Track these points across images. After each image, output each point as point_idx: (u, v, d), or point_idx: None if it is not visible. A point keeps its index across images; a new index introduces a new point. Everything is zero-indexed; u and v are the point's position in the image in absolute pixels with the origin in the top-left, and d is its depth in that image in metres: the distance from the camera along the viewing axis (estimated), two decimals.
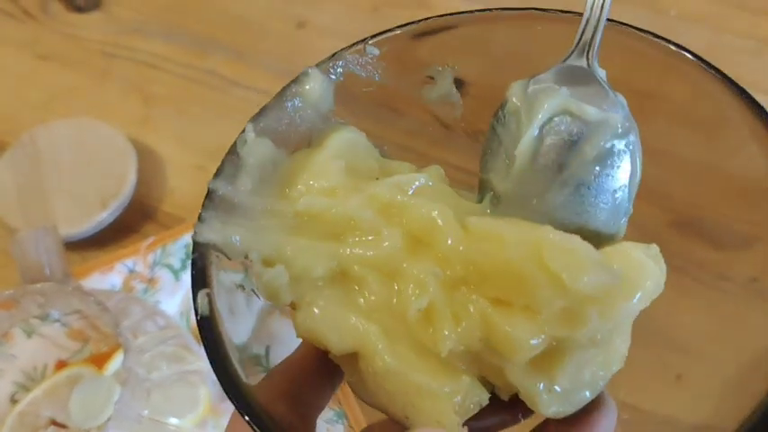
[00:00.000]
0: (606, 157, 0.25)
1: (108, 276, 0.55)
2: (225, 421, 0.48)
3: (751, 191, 0.28)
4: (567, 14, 0.27)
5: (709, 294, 0.34)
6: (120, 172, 0.59)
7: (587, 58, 0.25)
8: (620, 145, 0.25)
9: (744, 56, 0.67)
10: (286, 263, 0.25)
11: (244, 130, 0.27)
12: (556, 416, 0.24)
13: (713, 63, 0.64)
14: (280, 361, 0.34)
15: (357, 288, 0.25)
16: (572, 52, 0.26)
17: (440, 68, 0.29)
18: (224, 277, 0.26)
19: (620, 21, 0.31)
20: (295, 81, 0.27)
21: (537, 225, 0.24)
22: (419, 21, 0.28)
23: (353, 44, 0.28)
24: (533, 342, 0.22)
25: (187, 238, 0.57)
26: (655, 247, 0.24)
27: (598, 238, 0.25)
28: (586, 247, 0.23)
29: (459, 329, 0.23)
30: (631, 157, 0.25)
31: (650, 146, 0.27)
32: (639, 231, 0.29)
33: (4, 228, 0.57)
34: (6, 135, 0.63)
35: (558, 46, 0.26)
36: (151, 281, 0.55)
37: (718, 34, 0.69)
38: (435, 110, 0.30)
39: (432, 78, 0.29)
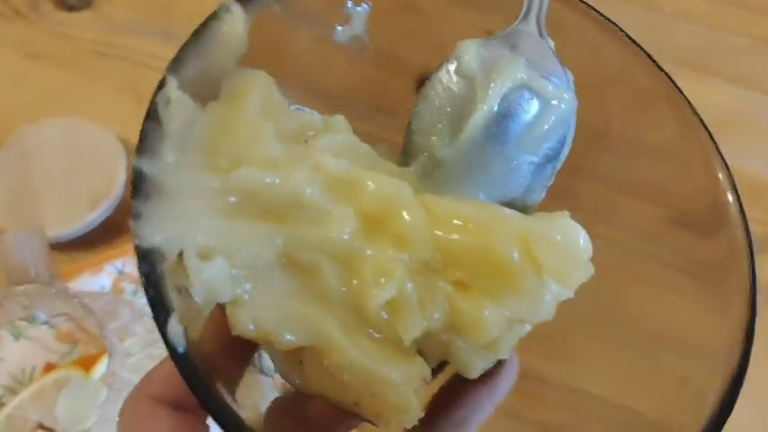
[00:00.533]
0: (551, 134, 0.25)
1: (97, 277, 0.55)
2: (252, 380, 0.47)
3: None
4: None
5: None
6: (110, 172, 0.58)
7: (538, 26, 0.25)
8: (564, 122, 0.25)
9: (741, 55, 0.67)
10: (225, 254, 0.21)
11: (163, 84, 0.22)
12: (476, 376, 0.24)
13: (710, 62, 0.63)
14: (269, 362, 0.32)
15: (308, 277, 0.22)
16: (522, 17, 0.25)
17: (357, 8, 0.26)
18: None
19: (612, 18, 0.30)
20: (215, 17, 0.23)
21: (508, 211, 0.24)
22: None
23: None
24: (497, 328, 0.23)
25: None
26: (566, 213, 0.25)
27: (523, 206, 0.26)
28: (573, 242, 0.23)
29: (426, 319, 0.23)
30: (567, 138, 0.25)
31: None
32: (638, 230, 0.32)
33: None
34: None
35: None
36: (118, 297, 0.55)
37: (714, 32, 0.68)
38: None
39: (346, 17, 0.26)
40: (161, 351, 0.29)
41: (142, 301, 0.53)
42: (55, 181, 0.58)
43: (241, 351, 0.23)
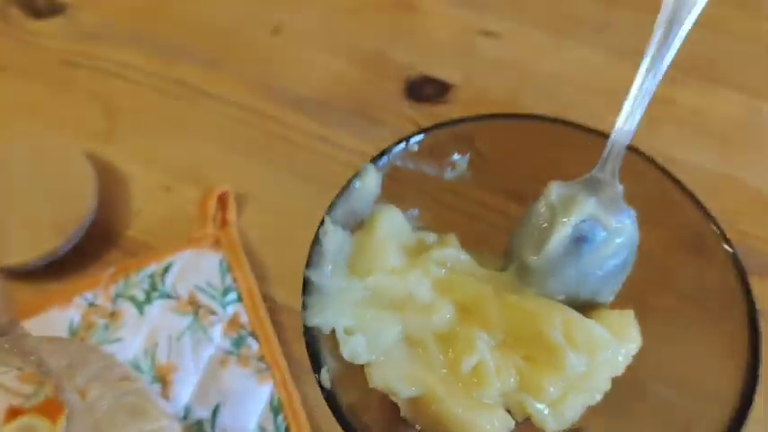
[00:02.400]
0: (616, 256, 0.33)
1: (66, 312, 0.50)
2: None
3: None
4: (588, 132, 0.36)
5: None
6: (78, 193, 0.54)
7: (611, 174, 0.33)
8: (627, 248, 0.33)
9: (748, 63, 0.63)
10: (363, 331, 0.31)
11: (323, 222, 0.32)
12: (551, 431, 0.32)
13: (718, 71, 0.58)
14: (231, 421, 0.41)
15: (419, 348, 0.32)
16: (600, 165, 0.33)
17: (459, 156, 0.36)
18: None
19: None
20: (357, 176, 0.34)
21: (558, 304, 0.33)
22: (452, 122, 0.35)
23: (398, 141, 0.35)
24: (555, 390, 0.31)
25: (153, 268, 0.52)
26: (631, 313, 0.33)
27: (595, 304, 0.34)
28: (601, 331, 0.31)
29: (501, 380, 0.31)
30: (629, 258, 0.34)
31: None
32: None
33: None
34: None
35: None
36: (113, 315, 0.50)
37: (722, 39, 0.64)
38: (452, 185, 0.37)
39: (454, 163, 0.36)
40: (134, 401, 0.34)
41: (114, 335, 0.49)
42: (18, 203, 0.53)
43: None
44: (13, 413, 0.45)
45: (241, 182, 0.57)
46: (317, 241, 0.32)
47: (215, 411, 0.47)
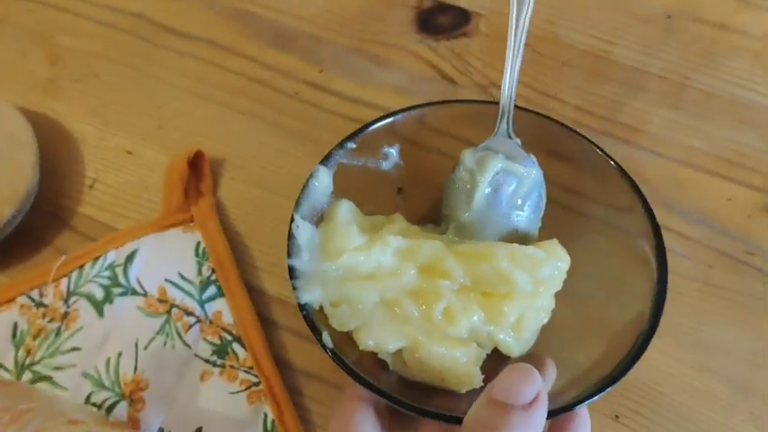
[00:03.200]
0: (529, 197, 0.40)
1: (7, 314, 0.41)
2: None
3: None
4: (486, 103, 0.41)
5: None
6: (16, 163, 0.43)
7: (508, 133, 0.39)
8: (535, 188, 0.40)
9: None
10: (346, 302, 0.36)
11: (293, 219, 0.36)
12: (519, 355, 0.37)
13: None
14: None
15: (396, 308, 0.36)
16: (499, 123, 0.39)
17: (392, 147, 0.41)
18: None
19: None
20: (312, 177, 0.38)
21: (498, 242, 0.38)
22: (379, 119, 0.39)
23: (339, 143, 0.38)
24: (512, 315, 0.36)
25: (112, 256, 0.42)
26: (555, 240, 0.38)
27: (526, 238, 0.40)
28: (536, 251, 0.37)
29: (468, 317, 0.36)
30: (540, 194, 0.40)
31: None
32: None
33: None
34: None
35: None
36: (66, 318, 0.41)
37: None
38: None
39: (383, 153, 0.41)
40: None
41: (69, 343, 0.40)
42: None
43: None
44: None
45: (216, 143, 0.46)
46: (291, 235, 0.36)
47: None
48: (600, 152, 0.38)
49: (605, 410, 0.39)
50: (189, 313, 0.41)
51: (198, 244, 0.43)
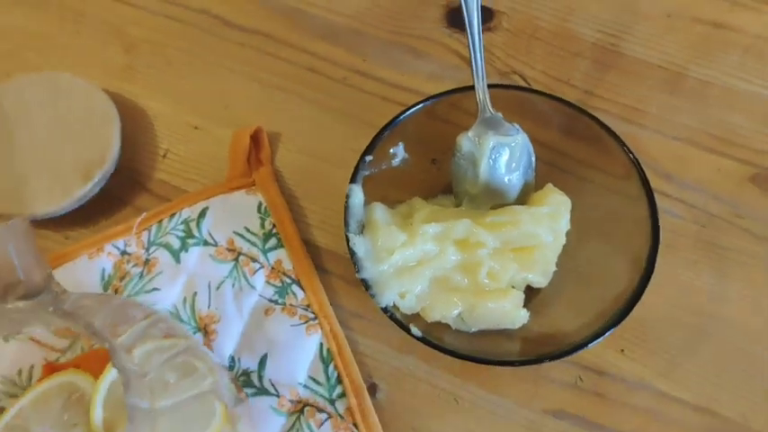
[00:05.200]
0: (521, 159, 0.46)
1: (96, 261, 0.48)
2: (241, 426, 0.42)
3: None
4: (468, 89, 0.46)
5: None
6: (102, 134, 0.50)
7: (490, 111, 0.46)
8: (524, 150, 0.46)
9: None
10: (408, 291, 0.43)
11: (347, 237, 0.43)
12: (547, 285, 0.45)
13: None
14: (279, 372, 0.45)
15: (447, 282, 0.44)
16: (481, 110, 0.46)
17: (397, 147, 0.47)
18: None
19: None
20: (348, 197, 0.44)
21: (514, 207, 0.45)
22: (384, 129, 0.45)
23: (359, 160, 0.45)
24: (541, 259, 0.44)
25: (187, 213, 0.49)
26: (549, 185, 0.46)
27: (527, 192, 0.47)
28: (549, 209, 0.45)
29: (507, 273, 0.44)
30: (530, 152, 0.47)
31: None
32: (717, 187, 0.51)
33: None
34: None
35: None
36: (147, 264, 0.48)
37: None
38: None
39: (392, 154, 0.47)
40: (183, 359, 0.32)
41: (150, 285, 0.47)
42: (39, 148, 0.50)
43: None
44: (50, 369, 0.43)
45: (273, 120, 0.53)
46: (350, 251, 0.42)
47: (262, 362, 0.45)
48: (599, 125, 0.44)
49: (613, 346, 0.46)
50: (254, 260, 0.48)
51: (260, 204, 0.49)
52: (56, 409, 0.41)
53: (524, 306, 0.44)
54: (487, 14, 0.57)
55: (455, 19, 0.57)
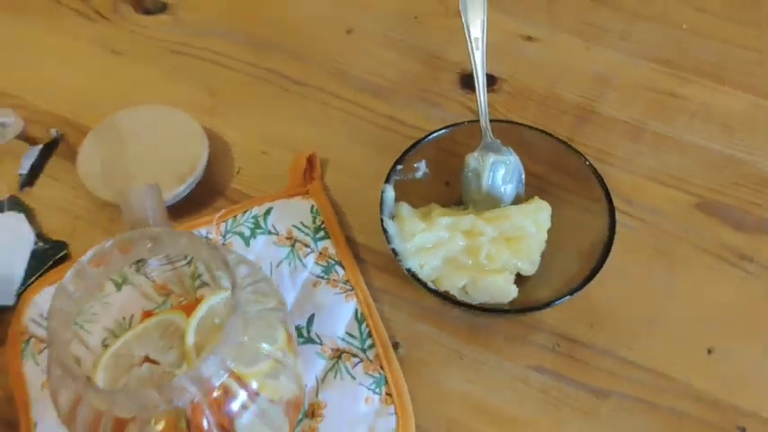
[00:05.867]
0: (514, 174, 0.61)
1: None
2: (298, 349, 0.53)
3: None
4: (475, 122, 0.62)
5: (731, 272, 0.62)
6: (193, 151, 0.66)
7: (490, 137, 0.61)
8: (517, 168, 0.62)
9: (752, 66, 0.75)
10: (425, 263, 0.57)
11: (382, 221, 0.58)
12: (532, 274, 0.58)
13: (723, 72, 0.73)
14: (323, 327, 0.58)
15: (455, 260, 0.58)
16: (483, 136, 0.61)
17: (420, 162, 0.63)
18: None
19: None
20: (383, 192, 0.59)
21: (510, 207, 0.60)
22: (413, 146, 0.61)
23: (392, 168, 0.60)
24: (527, 249, 0.58)
25: (256, 211, 0.64)
26: (536, 197, 0.61)
27: (518, 200, 0.62)
28: (533, 206, 0.60)
29: (501, 257, 0.57)
30: (520, 171, 0.62)
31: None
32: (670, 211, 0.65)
33: (92, 199, 0.64)
34: (88, 121, 0.70)
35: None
36: (224, 246, 0.62)
37: (727, 46, 0.76)
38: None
39: (416, 167, 0.63)
40: (261, 286, 0.41)
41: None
42: (145, 159, 0.65)
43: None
44: (147, 315, 0.56)
45: (323, 149, 0.68)
46: (384, 230, 0.57)
47: (310, 320, 0.58)
48: (578, 157, 0.59)
49: (585, 321, 0.58)
50: (306, 246, 0.61)
51: (312, 206, 0.64)
52: (154, 338, 0.53)
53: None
54: (491, 80, 0.74)
55: (467, 82, 0.74)
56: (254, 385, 0.45)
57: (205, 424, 0.44)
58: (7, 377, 0.56)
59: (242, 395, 0.45)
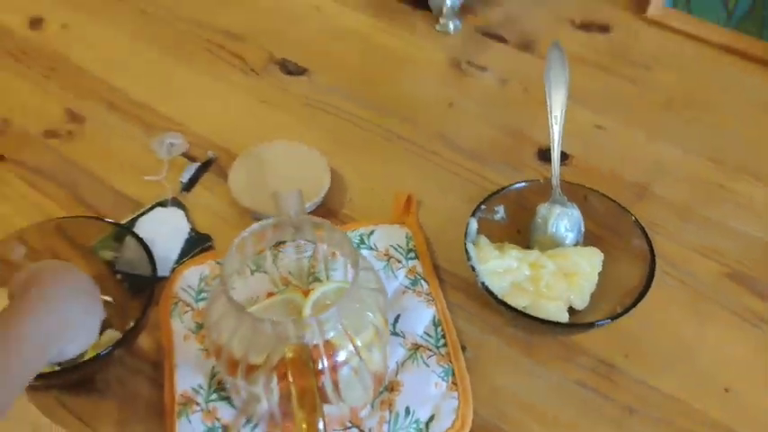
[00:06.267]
0: (575, 225, 0.76)
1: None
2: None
3: None
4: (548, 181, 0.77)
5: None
6: (317, 180, 0.82)
7: (559, 193, 0.76)
8: (578, 220, 0.76)
9: None
10: (497, 283, 0.71)
11: (465, 245, 0.72)
12: (582, 308, 0.72)
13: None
14: (406, 326, 0.72)
15: (521, 287, 0.71)
16: (553, 192, 0.76)
17: (499, 207, 0.78)
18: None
19: None
20: (468, 225, 0.73)
21: (570, 248, 0.75)
22: (495, 193, 0.77)
23: (477, 207, 0.75)
24: (582, 285, 0.72)
25: (362, 230, 0.79)
26: (592, 247, 0.74)
27: (577, 245, 0.76)
28: (589, 249, 0.75)
29: (558, 288, 0.70)
30: (580, 223, 0.76)
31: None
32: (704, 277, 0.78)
33: (235, 206, 0.81)
34: (236, 149, 0.88)
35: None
36: (333, 255, 0.77)
37: None
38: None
39: (496, 210, 0.78)
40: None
41: (334, 266, 0.76)
42: (279, 180, 0.82)
43: None
44: (270, 295, 0.72)
45: (420, 192, 0.84)
46: (467, 252, 0.71)
47: (396, 318, 0.72)
48: (634, 221, 0.72)
49: (620, 351, 0.70)
50: (399, 262, 0.76)
51: (407, 234, 0.79)
52: (278, 310, 0.68)
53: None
54: (563, 156, 0.88)
55: (543, 155, 0.89)
56: (358, 343, 0.59)
57: (320, 363, 0.58)
58: (158, 330, 0.71)
59: (348, 349, 0.59)
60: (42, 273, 0.61)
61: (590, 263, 0.71)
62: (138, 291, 0.72)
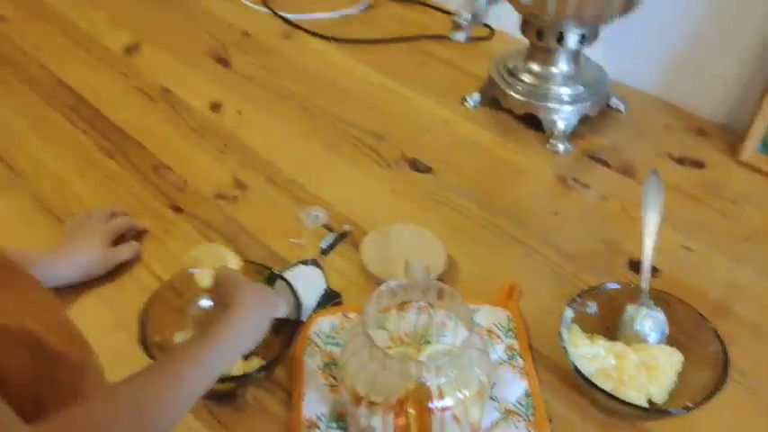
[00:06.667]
0: (659, 326, 0.87)
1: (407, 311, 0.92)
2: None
3: None
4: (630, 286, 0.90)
5: None
6: (435, 261, 0.97)
7: (646, 298, 0.86)
8: (661, 322, 0.87)
9: None
10: (586, 368, 0.81)
11: (560, 332, 0.83)
12: (661, 402, 0.81)
13: None
14: (501, 393, 0.83)
15: (606, 371, 0.82)
16: (642, 296, 0.86)
17: (592, 302, 0.89)
18: None
19: None
20: (564, 315, 0.85)
21: (653, 345, 0.85)
22: (589, 289, 0.90)
23: (573, 299, 0.87)
24: (661, 378, 0.83)
25: (470, 307, 0.93)
26: (672, 348, 0.85)
27: (660, 344, 0.87)
28: (669, 349, 0.85)
29: (639, 378, 0.82)
30: (665, 324, 0.87)
31: None
32: None
33: (363, 272, 0.97)
34: (368, 226, 1.04)
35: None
36: (444, 324, 0.91)
37: None
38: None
39: (589, 305, 0.89)
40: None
41: (442, 333, 0.89)
42: (402, 256, 0.97)
43: None
44: (387, 348, 0.85)
45: (522, 282, 0.97)
46: (561, 338, 0.80)
47: (493, 386, 0.84)
48: (712, 331, 0.81)
49: None
50: (499, 338, 0.89)
51: (508, 315, 0.92)
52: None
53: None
54: (653, 270, 1.00)
55: (633, 265, 1.01)
56: (465, 393, 0.72)
57: (431, 404, 0.70)
58: (292, 363, 0.86)
59: (456, 396, 0.71)
60: (245, 282, 0.79)
61: (670, 361, 0.81)
62: (279, 328, 0.87)
